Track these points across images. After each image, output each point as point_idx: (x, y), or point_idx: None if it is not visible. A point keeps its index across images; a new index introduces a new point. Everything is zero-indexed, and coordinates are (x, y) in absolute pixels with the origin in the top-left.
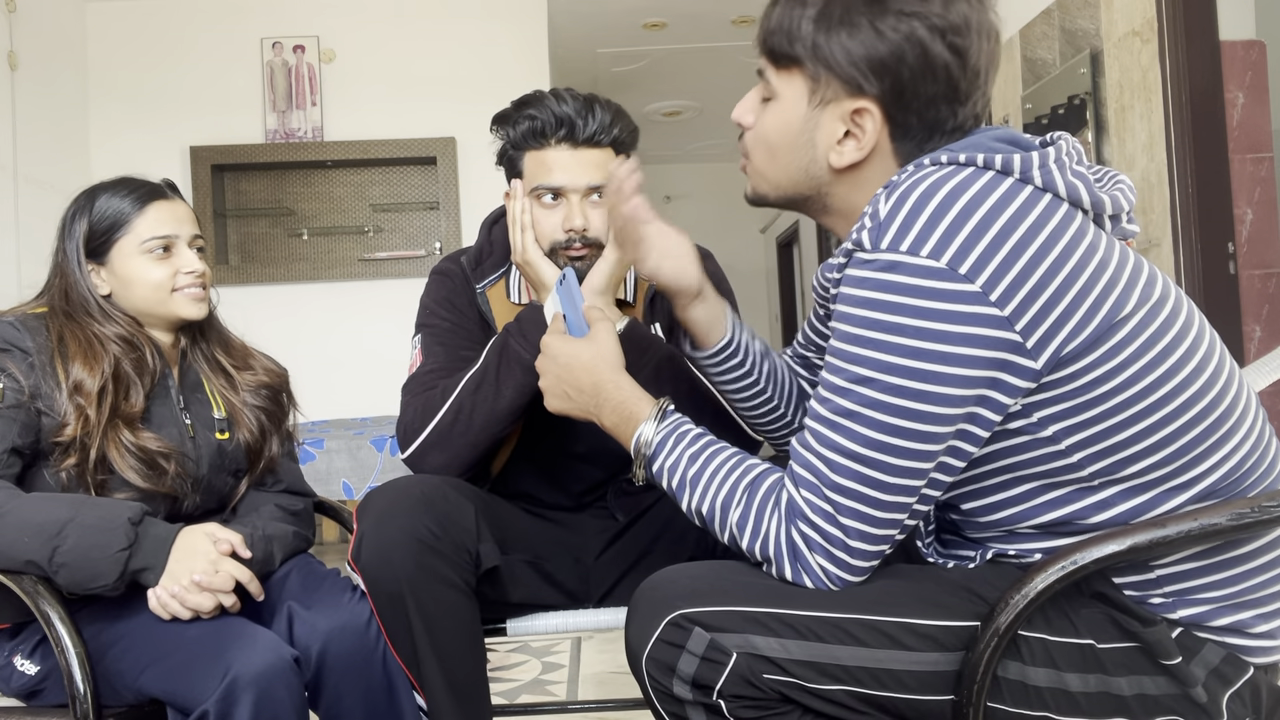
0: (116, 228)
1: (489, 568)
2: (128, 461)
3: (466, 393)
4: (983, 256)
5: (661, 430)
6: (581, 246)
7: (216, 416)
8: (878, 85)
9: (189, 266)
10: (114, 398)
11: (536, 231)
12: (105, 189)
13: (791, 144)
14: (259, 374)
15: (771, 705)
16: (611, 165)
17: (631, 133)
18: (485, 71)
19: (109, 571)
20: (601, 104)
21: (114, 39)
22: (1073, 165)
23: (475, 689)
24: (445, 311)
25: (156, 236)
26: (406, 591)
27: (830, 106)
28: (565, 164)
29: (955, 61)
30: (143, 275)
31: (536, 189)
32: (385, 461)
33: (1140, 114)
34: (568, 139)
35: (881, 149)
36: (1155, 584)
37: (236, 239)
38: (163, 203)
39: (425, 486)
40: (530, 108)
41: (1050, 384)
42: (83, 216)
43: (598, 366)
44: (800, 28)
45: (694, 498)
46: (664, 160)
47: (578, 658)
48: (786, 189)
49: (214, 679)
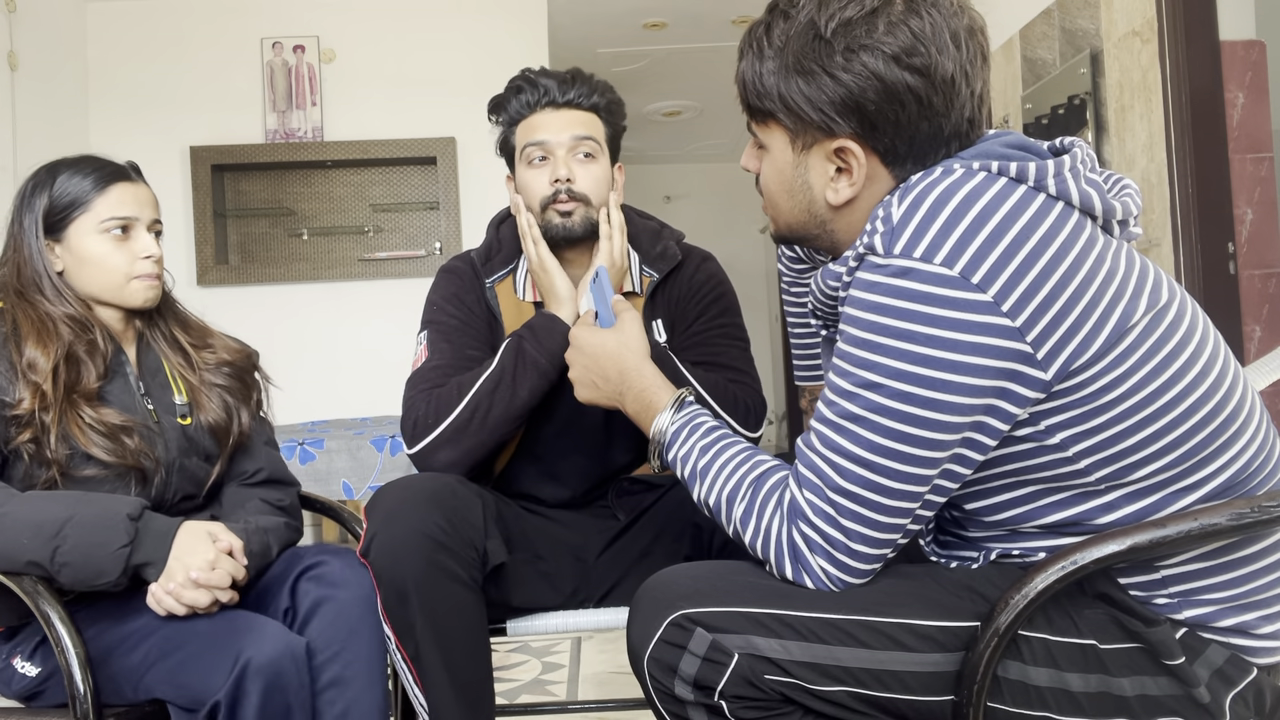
0: (76, 205)
1: (495, 565)
2: (90, 437)
3: (484, 392)
4: (995, 266)
5: (677, 421)
6: (568, 199)
7: (178, 401)
8: (847, 124)
9: (146, 251)
10: (68, 376)
11: (527, 194)
12: (68, 165)
13: (789, 189)
14: (219, 352)
15: (773, 706)
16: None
17: (614, 102)
18: (485, 72)
19: (111, 569)
20: (584, 75)
21: (114, 39)
22: (1086, 173)
23: (479, 688)
24: (453, 308)
25: (116, 217)
26: (414, 589)
27: (814, 150)
28: (548, 122)
29: (919, 81)
30: (99, 256)
31: (525, 150)
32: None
33: (1140, 114)
34: (550, 103)
35: (877, 177)
36: (1161, 584)
37: (236, 239)
38: (125, 184)
39: (434, 484)
40: (517, 83)
41: (1059, 393)
42: (43, 191)
43: (622, 355)
44: (765, 82)
45: (703, 489)
46: (664, 160)
47: (578, 658)
48: (797, 229)
49: (224, 670)
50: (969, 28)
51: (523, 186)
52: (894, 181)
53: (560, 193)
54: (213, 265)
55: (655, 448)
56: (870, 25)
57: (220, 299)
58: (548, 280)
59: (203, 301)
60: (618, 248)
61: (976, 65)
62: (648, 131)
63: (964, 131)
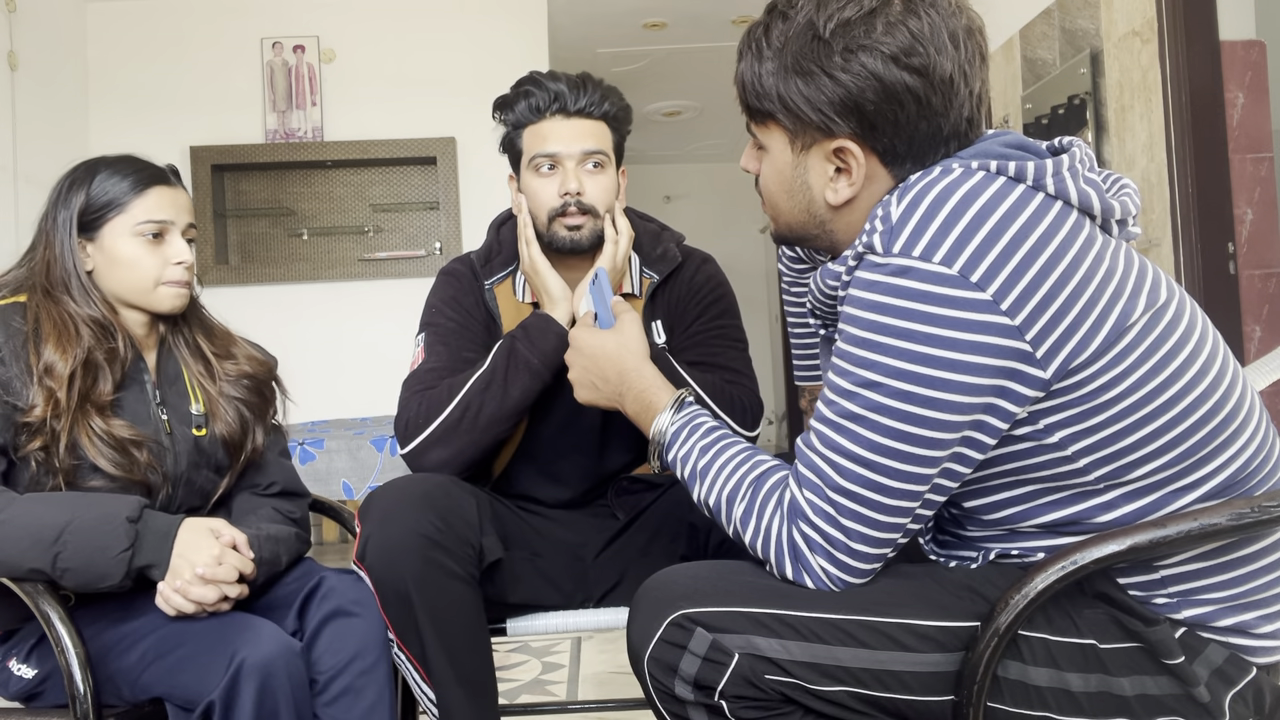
0: (113, 206)
1: (492, 561)
2: (98, 449)
3: (474, 391)
4: (994, 265)
5: (677, 421)
6: (577, 212)
7: (194, 412)
8: (846, 124)
9: (179, 256)
10: (83, 383)
11: (534, 202)
12: (107, 164)
13: (789, 189)
14: (240, 363)
15: (773, 706)
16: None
17: (624, 110)
18: (485, 71)
19: (114, 572)
20: (594, 81)
21: (114, 39)
22: (1085, 173)
23: (484, 681)
24: (451, 311)
25: (152, 220)
26: (413, 589)
27: (813, 150)
28: (559, 132)
29: (917, 81)
30: (131, 258)
31: (534, 159)
32: (385, 461)
33: (1140, 114)
34: (561, 111)
35: (876, 177)
36: (1160, 584)
37: (236, 239)
38: (164, 188)
39: (427, 484)
40: (526, 85)
41: (1058, 392)
42: (80, 188)
43: (622, 356)
44: (764, 83)
45: (703, 489)
46: (664, 160)
47: (578, 658)
48: (797, 230)
49: (219, 670)
50: (967, 28)
51: (529, 194)
52: (893, 181)
53: (570, 206)
54: (213, 265)
55: (655, 448)
56: (869, 26)
57: (220, 299)
58: (540, 281)
59: (203, 302)
60: (622, 252)
61: (975, 65)
62: (648, 131)
63: (963, 131)
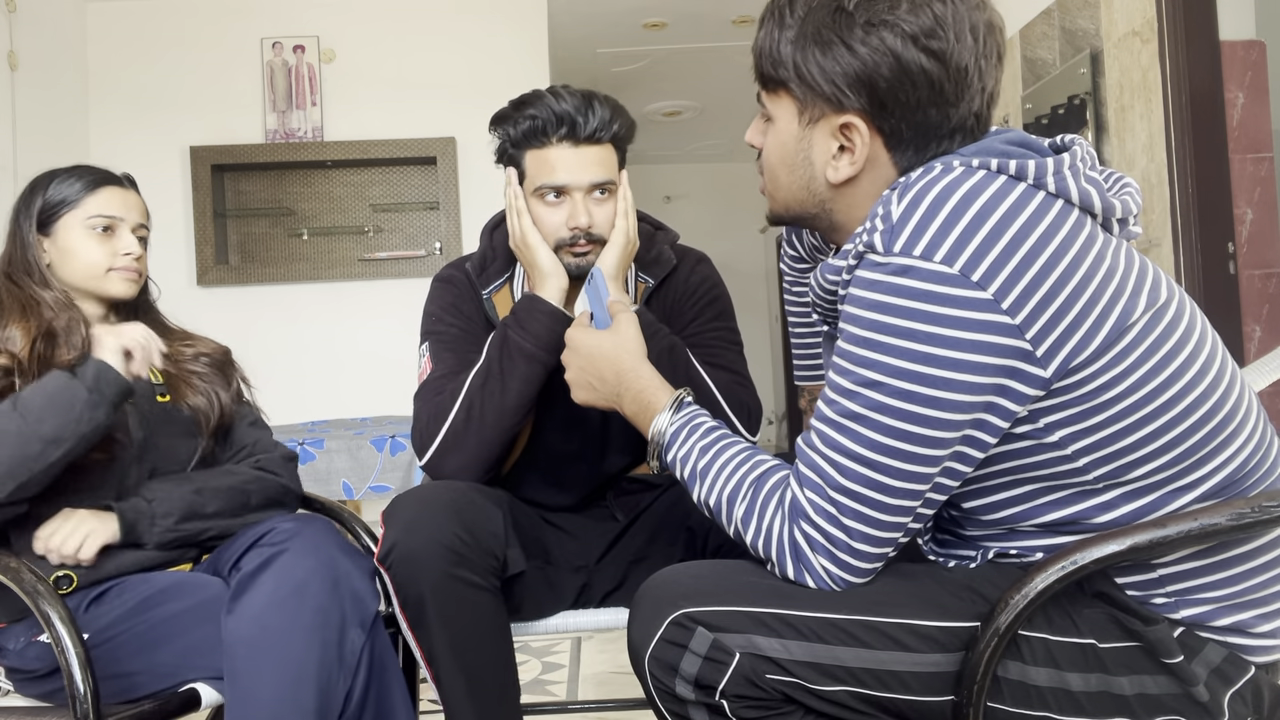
0: (66, 203)
1: (515, 573)
2: None
3: (474, 390)
4: (995, 264)
5: (676, 421)
6: (586, 243)
7: (155, 384)
8: (857, 99)
9: (127, 249)
10: (44, 351)
11: (541, 230)
12: (63, 172)
13: (790, 163)
14: (197, 346)
15: (774, 705)
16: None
17: (630, 128)
18: (485, 71)
19: (98, 415)
20: (600, 100)
21: (114, 39)
22: (1086, 171)
23: (500, 693)
24: (451, 318)
25: (101, 215)
26: (430, 596)
27: (820, 124)
28: (568, 163)
29: (934, 65)
30: (82, 250)
31: (540, 188)
32: (385, 461)
33: (1140, 114)
34: (569, 137)
35: (878, 160)
36: (1158, 584)
37: (236, 239)
38: (115, 188)
39: (452, 493)
40: (530, 107)
41: (1058, 391)
42: (39, 192)
43: (619, 356)
44: (781, 50)
45: (703, 490)
46: (664, 160)
47: (578, 658)
48: (794, 208)
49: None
50: (989, 23)
51: (537, 220)
52: (894, 167)
53: (579, 238)
54: (213, 265)
55: (654, 449)
56: (893, 3)
57: (220, 299)
58: (530, 255)
59: (203, 301)
60: (622, 252)
61: (991, 62)
62: (648, 131)
63: (970, 126)
